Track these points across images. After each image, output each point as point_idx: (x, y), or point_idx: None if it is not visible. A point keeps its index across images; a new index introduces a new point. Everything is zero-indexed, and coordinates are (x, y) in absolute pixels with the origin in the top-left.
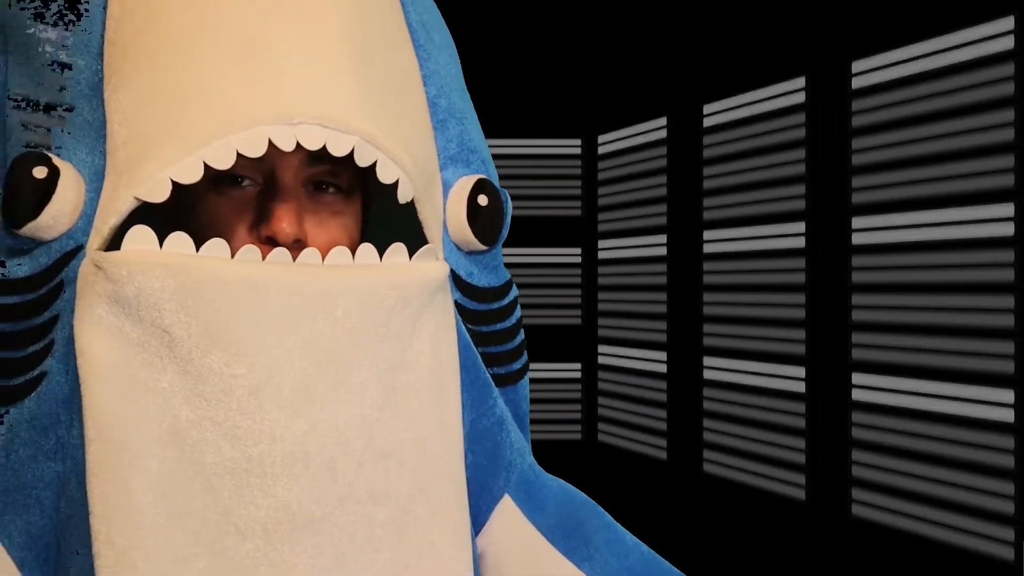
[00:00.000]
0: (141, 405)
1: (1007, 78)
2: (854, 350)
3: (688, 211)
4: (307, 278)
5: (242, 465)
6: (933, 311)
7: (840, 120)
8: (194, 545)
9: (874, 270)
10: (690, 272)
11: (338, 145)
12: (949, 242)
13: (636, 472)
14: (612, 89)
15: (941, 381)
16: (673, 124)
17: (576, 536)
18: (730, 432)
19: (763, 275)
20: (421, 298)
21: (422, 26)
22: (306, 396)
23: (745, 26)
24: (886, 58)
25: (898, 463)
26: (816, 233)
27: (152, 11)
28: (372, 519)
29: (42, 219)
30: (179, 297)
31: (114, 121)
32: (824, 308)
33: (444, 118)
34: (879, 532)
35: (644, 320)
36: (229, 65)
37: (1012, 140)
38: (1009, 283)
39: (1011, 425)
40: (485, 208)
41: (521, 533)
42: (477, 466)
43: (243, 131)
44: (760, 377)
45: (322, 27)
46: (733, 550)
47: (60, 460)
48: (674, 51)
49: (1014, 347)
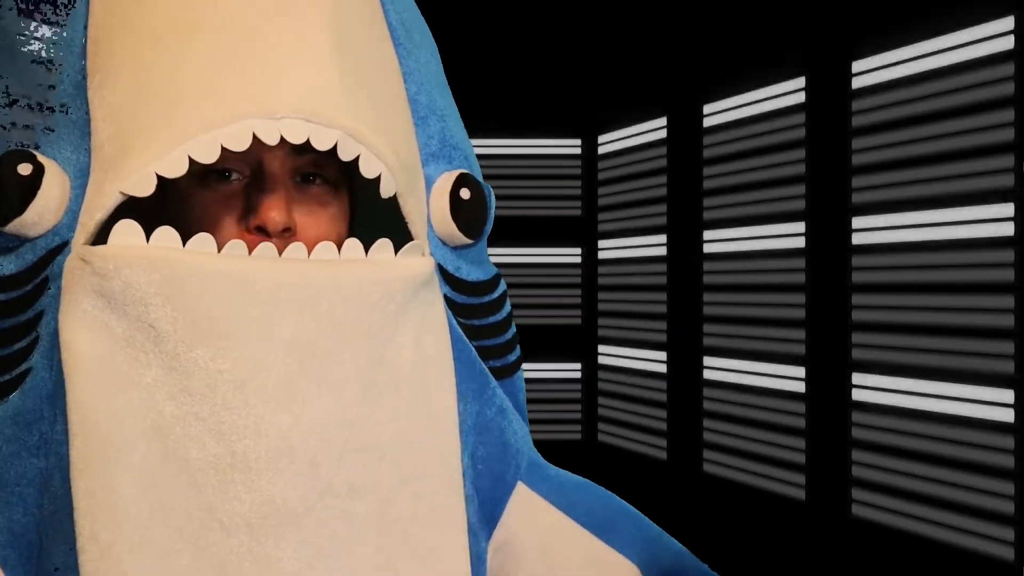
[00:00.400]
0: (125, 400)
1: (1007, 78)
2: (854, 350)
3: (688, 211)
4: (293, 272)
5: (226, 460)
6: (933, 311)
7: (840, 120)
8: (178, 540)
9: (874, 270)
10: (690, 272)
11: (321, 139)
12: (949, 242)
13: (636, 472)
14: (612, 89)
15: (941, 381)
16: (673, 124)
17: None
18: (730, 432)
19: (763, 275)
20: (405, 294)
21: (401, 24)
22: (289, 391)
23: (745, 26)
24: (886, 58)
25: (898, 463)
26: (816, 233)
27: (135, 7)
28: (352, 513)
29: (27, 216)
30: (165, 291)
31: (98, 118)
32: (824, 308)
33: (425, 115)
34: (879, 532)
35: (644, 320)
36: (213, 59)
37: (1012, 140)
38: (1009, 283)
39: (1011, 425)
40: (467, 201)
41: (544, 515)
42: (489, 457)
43: (227, 125)
44: (760, 377)
45: (305, 21)
46: (733, 550)
47: (43, 456)
48: (674, 51)
49: (1014, 347)
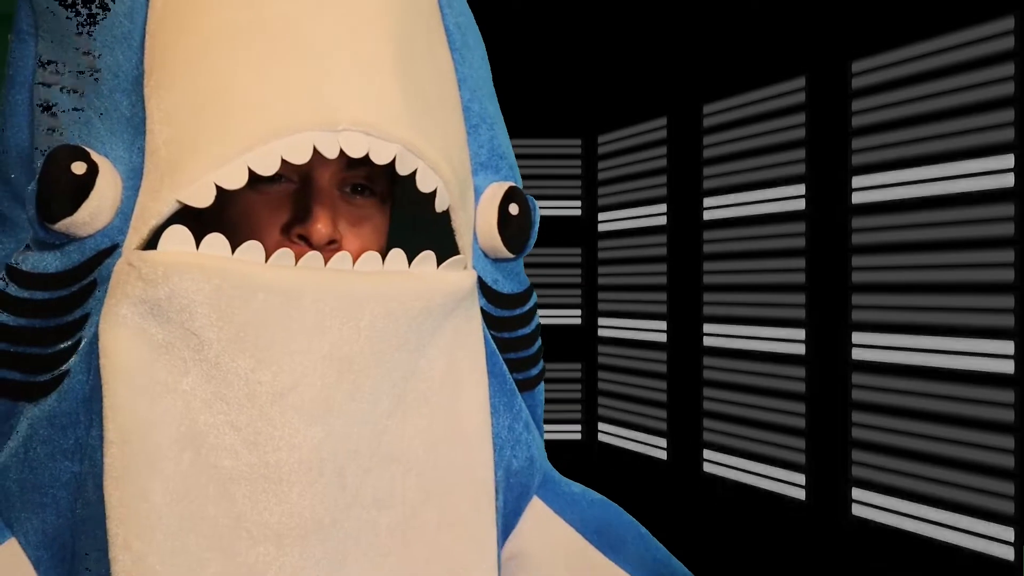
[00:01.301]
0: (162, 408)
1: (1007, 78)
2: (855, 350)
3: (688, 211)
4: (338, 283)
5: (259, 471)
6: (933, 311)
7: (840, 120)
8: (207, 550)
9: (874, 270)
10: (690, 272)
11: (381, 153)
12: (949, 242)
13: (636, 472)
14: (612, 89)
15: (942, 381)
16: (673, 124)
17: (607, 532)
18: (730, 432)
19: (763, 275)
20: (445, 307)
21: (458, 28)
22: (324, 404)
23: (745, 26)
24: (886, 58)
25: (898, 463)
26: (816, 233)
27: (196, 7)
28: (376, 524)
29: (79, 215)
30: (213, 300)
31: (155, 119)
32: (824, 308)
33: (476, 123)
34: (879, 532)
35: (644, 320)
36: (273, 67)
37: (1012, 140)
38: (1009, 283)
39: (1011, 425)
40: (516, 217)
41: (556, 531)
42: (521, 470)
43: (287, 136)
44: (761, 377)
45: (366, 29)
46: (733, 550)
47: (78, 461)
48: (674, 51)
49: (1014, 347)
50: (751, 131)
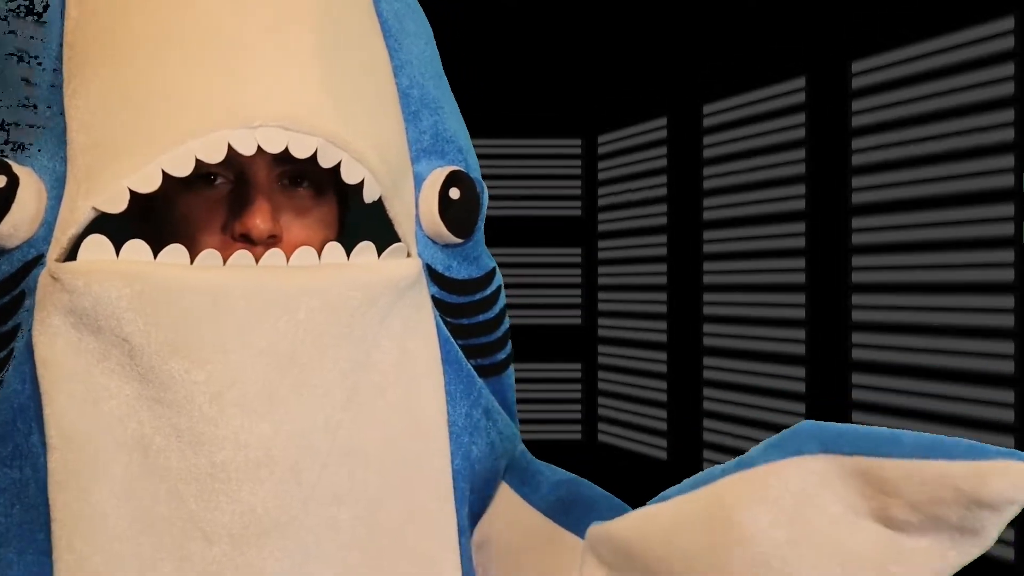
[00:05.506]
0: (104, 412)
1: (1007, 78)
2: (854, 350)
3: (688, 211)
4: (269, 280)
5: (206, 471)
6: (933, 311)
7: (840, 120)
8: (159, 551)
9: (874, 270)
10: (690, 272)
11: (301, 147)
12: (949, 242)
13: (636, 472)
14: (612, 89)
15: (942, 381)
16: (673, 124)
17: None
18: (730, 432)
19: (763, 275)
20: (388, 297)
21: (394, 15)
22: (268, 400)
23: (745, 26)
24: (886, 58)
25: None
26: (816, 233)
27: (111, 13)
28: (337, 520)
29: (1, 228)
30: (137, 305)
31: (73, 127)
32: (824, 308)
33: (417, 109)
34: None
35: (644, 320)
36: (189, 68)
37: (1012, 140)
38: (1009, 283)
39: (1011, 425)
40: (457, 201)
41: (521, 515)
42: (482, 457)
43: (202, 136)
44: (760, 377)
45: (288, 24)
46: None
47: (18, 468)
48: (674, 51)
49: (1014, 347)
50: (751, 131)
